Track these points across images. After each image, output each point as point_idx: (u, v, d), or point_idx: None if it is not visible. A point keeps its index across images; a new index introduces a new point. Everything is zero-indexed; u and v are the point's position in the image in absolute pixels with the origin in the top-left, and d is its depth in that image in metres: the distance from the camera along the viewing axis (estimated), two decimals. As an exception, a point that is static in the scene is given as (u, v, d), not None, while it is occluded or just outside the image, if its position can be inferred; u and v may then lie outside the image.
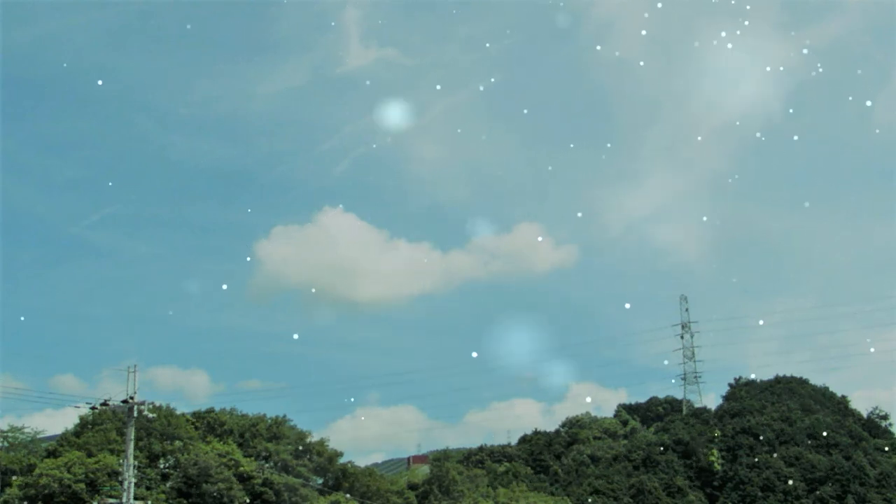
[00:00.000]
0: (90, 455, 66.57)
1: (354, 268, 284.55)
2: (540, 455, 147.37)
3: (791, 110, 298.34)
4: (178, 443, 74.59)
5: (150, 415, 52.40)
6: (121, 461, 51.54)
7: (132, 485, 46.16)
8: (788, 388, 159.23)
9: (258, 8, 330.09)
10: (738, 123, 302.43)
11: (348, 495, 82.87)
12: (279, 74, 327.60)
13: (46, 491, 62.00)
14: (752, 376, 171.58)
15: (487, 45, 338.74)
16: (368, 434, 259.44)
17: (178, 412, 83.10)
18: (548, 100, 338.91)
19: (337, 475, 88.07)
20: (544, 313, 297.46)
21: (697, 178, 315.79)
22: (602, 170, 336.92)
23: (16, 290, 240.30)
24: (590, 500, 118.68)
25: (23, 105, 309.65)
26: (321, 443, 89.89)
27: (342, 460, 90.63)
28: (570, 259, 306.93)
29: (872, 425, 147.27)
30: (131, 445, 45.96)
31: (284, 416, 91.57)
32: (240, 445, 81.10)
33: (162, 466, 73.61)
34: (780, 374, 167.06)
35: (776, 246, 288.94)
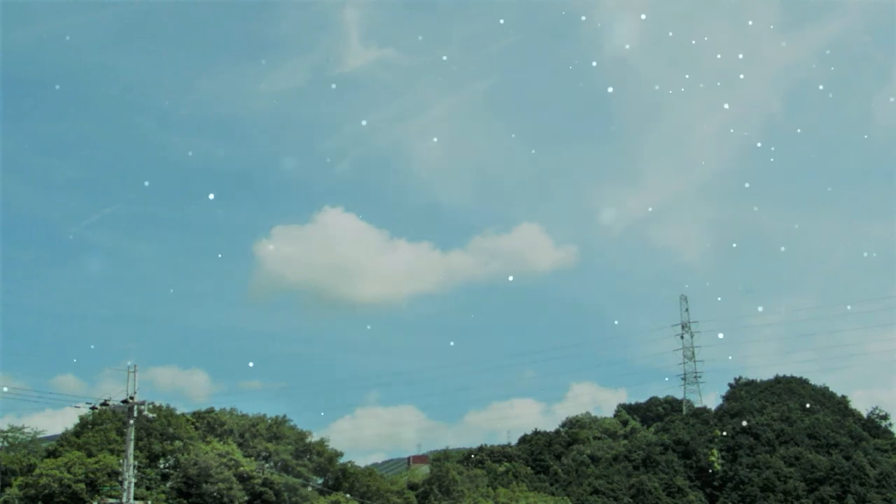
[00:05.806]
0: (90, 455, 66.52)
1: (354, 268, 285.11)
2: (540, 455, 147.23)
3: (791, 110, 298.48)
4: (178, 443, 74.55)
5: (150, 415, 52.38)
6: (121, 461, 51.52)
7: (132, 485, 46.09)
8: (788, 388, 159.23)
9: (258, 8, 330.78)
10: (737, 123, 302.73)
11: (348, 495, 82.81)
12: (279, 74, 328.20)
13: (46, 491, 61.98)
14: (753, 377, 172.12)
15: (487, 45, 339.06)
16: (368, 434, 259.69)
17: (178, 412, 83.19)
18: (548, 100, 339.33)
19: (337, 475, 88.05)
20: (544, 313, 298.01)
21: (697, 178, 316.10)
22: (602, 170, 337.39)
23: (16, 290, 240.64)
24: (590, 500, 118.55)
25: (23, 105, 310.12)
26: (321, 443, 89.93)
27: (342, 460, 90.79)
28: (570, 259, 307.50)
29: (872, 425, 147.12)
30: (131, 445, 45.89)
31: (284, 416, 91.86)
32: (240, 445, 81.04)
33: (162, 466, 73.56)
34: (780, 374, 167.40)
35: (776, 246, 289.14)
